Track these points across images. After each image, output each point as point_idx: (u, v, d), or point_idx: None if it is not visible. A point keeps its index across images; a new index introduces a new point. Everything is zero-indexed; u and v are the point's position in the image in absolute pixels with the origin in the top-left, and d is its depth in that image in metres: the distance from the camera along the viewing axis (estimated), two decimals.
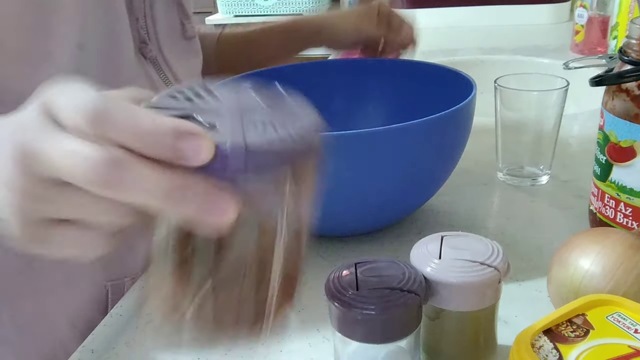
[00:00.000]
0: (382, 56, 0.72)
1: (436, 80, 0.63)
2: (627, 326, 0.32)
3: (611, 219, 0.49)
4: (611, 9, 1.09)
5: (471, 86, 0.55)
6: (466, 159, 0.59)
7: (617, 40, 1.06)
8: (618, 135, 0.47)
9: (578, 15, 1.16)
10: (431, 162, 0.52)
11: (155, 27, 0.60)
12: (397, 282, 0.36)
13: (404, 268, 0.37)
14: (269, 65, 0.67)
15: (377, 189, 0.50)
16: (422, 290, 0.36)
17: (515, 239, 0.56)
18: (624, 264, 0.39)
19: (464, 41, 1.35)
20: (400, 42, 0.73)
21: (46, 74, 0.42)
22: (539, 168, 0.66)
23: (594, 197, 0.52)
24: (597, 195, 0.51)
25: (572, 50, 1.19)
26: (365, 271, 0.37)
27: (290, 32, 0.77)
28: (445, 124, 0.50)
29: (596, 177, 0.51)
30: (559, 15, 1.48)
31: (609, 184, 0.49)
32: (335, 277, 0.37)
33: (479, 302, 0.37)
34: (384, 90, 0.68)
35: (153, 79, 0.59)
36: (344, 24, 0.73)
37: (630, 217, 0.48)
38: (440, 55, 1.19)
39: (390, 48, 0.72)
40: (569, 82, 0.63)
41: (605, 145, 0.49)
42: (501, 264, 0.37)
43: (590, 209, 0.53)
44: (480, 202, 0.64)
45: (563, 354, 0.31)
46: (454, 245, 0.39)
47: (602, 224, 0.51)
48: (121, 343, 0.46)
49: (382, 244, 0.56)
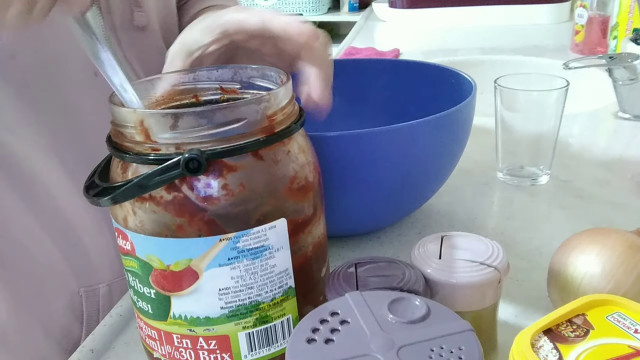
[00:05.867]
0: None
1: (436, 80, 0.63)
2: (627, 326, 0.32)
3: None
4: (611, 9, 1.09)
5: (471, 86, 0.55)
6: (466, 159, 0.59)
7: (617, 40, 1.06)
8: (163, 258, 0.34)
9: (578, 15, 1.16)
10: (431, 162, 0.52)
11: (111, 17, 0.56)
12: (397, 282, 0.36)
13: (404, 268, 0.37)
14: None
15: (377, 189, 0.50)
16: (422, 290, 0.36)
17: (515, 239, 0.56)
18: (624, 264, 0.39)
19: (464, 41, 1.35)
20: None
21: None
22: (539, 168, 0.66)
23: (155, 341, 0.38)
24: (160, 339, 0.37)
25: (572, 50, 1.19)
26: (365, 271, 0.37)
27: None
28: (445, 124, 0.50)
29: (151, 318, 0.37)
30: (559, 15, 1.48)
31: (173, 321, 0.36)
32: (336, 277, 0.37)
33: (479, 302, 0.37)
34: (384, 90, 0.67)
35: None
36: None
37: (217, 351, 0.36)
38: (440, 55, 1.19)
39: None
40: (569, 82, 0.63)
41: (148, 275, 0.35)
42: (501, 264, 0.37)
43: (157, 358, 0.39)
44: (480, 202, 0.64)
45: (563, 354, 0.31)
46: (454, 245, 0.39)
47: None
48: (121, 343, 0.46)
49: (382, 244, 0.56)
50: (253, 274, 0.35)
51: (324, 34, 0.45)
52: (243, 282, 0.35)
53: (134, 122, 0.33)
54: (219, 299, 0.35)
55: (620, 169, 0.70)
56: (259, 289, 0.35)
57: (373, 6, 1.70)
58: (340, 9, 3.00)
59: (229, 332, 0.36)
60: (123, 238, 0.36)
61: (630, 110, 0.85)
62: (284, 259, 0.36)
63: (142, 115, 0.33)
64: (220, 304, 0.35)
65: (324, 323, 0.31)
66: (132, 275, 0.37)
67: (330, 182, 0.43)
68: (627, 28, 1.05)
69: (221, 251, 0.34)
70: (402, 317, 0.30)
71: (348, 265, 0.38)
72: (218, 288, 0.35)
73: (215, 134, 0.33)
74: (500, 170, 0.68)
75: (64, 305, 0.57)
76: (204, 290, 0.35)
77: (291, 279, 0.37)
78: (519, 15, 1.48)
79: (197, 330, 0.36)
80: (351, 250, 0.56)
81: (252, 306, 0.36)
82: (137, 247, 0.35)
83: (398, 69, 0.67)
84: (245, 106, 0.33)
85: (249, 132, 0.33)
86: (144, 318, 0.38)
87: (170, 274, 0.35)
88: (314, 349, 0.29)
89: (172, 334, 0.37)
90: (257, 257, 0.35)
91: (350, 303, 0.32)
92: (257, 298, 0.36)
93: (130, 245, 0.36)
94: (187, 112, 0.32)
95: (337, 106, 0.47)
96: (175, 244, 0.34)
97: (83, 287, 0.58)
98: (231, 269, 0.34)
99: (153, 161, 0.33)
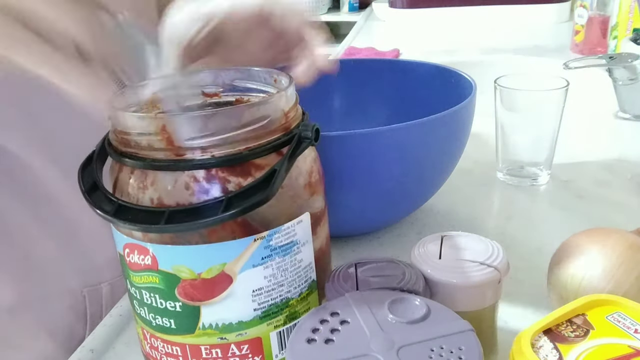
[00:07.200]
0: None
1: (436, 80, 0.63)
2: (627, 326, 0.32)
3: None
4: (611, 9, 1.09)
5: (471, 86, 0.55)
6: (466, 159, 0.59)
7: (617, 40, 1.06)
8: (194, 267, 0.33)
9: (578, 15, 1.16)
10: (431, 162, 0.52)
11: None
12: (397, 282, 0.36)
13: (404, 268, 0.37)
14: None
15: (377, 189, 0.50)
16: (422, 290, 0.36)
17: (515, 239, 0.56)
18: (624, 264, 0.39)
19: (464, 41, 1.35)
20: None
21: None
22: (539, 168, 0.66)
23: (177, 358, 0.36)
24: (184, 354, 0.36)
25: (572, 50, 1.19)
26: (365, 271, 0.37)
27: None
28: (445, 124, 0.50)
29: (173, 334, 0.35)
30: (559, 15, 1.48)
31: (202, 332, 0.35)
32: (336, 277, 0.37)
33: (479, 302, 0.37)
34: (384, 90, 0.67)
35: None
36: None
37: (249, 355, 0.35)
38: (440, 55, 1.19)
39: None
40: (569, 82, 0.63)
41: (173, 288, 0.34)
42: (501, 263, 0.37)
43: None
44: (480, 202, 0.64)
45: (563, 354, 0.31)
46: (454, 245, 0.39)
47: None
48: (121, 343, 0.46)
49: (382, 244, 0.56)
50: (284, 271, 0.35)
51: (322, 32, 0.45)
52: (275, 280, 0.35)
53: (155, 128, 0.31)
54: (252, 301, 0.34)
55: (620, 169, 0.70)
56: (289, 286, 0.35)
57: (373, 6, 1.70)
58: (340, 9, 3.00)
59: (261, 334, 0.35)
60: (140, 253, 0.34)
61: (630, 110, 0.85)
62: (308, 253, 0.36)
63: (164, 120, 0.31)
64: (254, 306, 0.34)
65: (324, 323, 0.31)
66: (150, 292, 0.34)
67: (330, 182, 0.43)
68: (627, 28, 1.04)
69: (255, 251, 0.33)
70: (402, 317, 0.30)
71: (348, 265, 0.38)
72: (251, 290, 0.34)
73: (243, 133, 0.32)
74: (500, 170, 0.68)
75: (67, 306, 0.57)
76: (238, 294, 0.34)
77: (314, 272, 0.37)
78: (519, 15, 1.48)
79: (229, 337, 0.35)
80: (351, 250, 0.56)
81: (283, 304, 0.35)
82: (161, 259, 0.33)
83: (398, 69, 0.67)
84: (269, 103, 0.33)
85: (271, 130, 0.33)
86: (164, 335, 0.35)
87: (201, 283, 0.33)
88: (314, 349, 0.29)
89: (200, 346, 0.35)
90: (287, 253, 0.35)
91: (350, 303, 0.32)
92: (287, 295, 0.35)
93: (150, 260, 0.33)
94: (216, 112, 0.32)
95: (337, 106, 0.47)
96: (208, 249, 0.32)
97: (86, 287, 0.58)
98: (264, 268, 0.34)
99: (184, 166, 0.31)
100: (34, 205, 0.53)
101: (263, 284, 0.34)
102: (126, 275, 0.36)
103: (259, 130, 0.33)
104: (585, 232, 0.43)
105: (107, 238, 0.59)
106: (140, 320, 0.37)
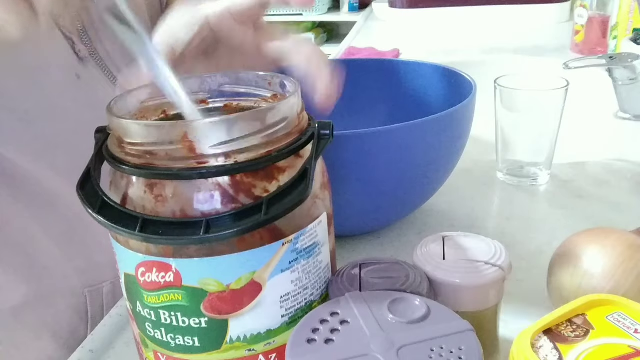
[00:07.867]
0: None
1: (436, 80, 0.63)
2: (627, 326, 0.32)
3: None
4: (611, 9, 1.09)
5: (471, 86, 0.55)
6: (466, 159, 0.59)
7: (617, 40, 1.06)
8: (222, 279, 0.31)
9: (578, 15, 1.16)
10: (431, 162, 0.52)
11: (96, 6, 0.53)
12: (401, 283, 0.36)
13: (408, 270, 0.37)
14: None
15: (377, 189, 0.50)
16: (427, 291, 0.36)
17: (515, 239, 0.56)
18: (624, 263, 0.39)
19: (464, 41, 1.35)
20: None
21: None
22: (539, 168, 0.66)
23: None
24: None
25: (572, 50, 1.19)
26: (369, 272, 0.37)
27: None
28: (445, 124, 0.50)
29: (198, 352, 0.33)
30: (559, 15, 1.48)
31: (230, 346, 0.33)
32: (340, 278, 0.37)
33: (483, 302, 0.37)
34: (384, 90, 0.68)
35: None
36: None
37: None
38: (440, 55, 1.19)
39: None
40: (569, 82, 0.63)
41: (199, 303, 0.32)
42: (505, 263, 0.37)
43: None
44: (480, 202, 0.64)
45: (563, 354, 0.31)
46: (456, 246, 0.39)
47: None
48: (121, 343, 0.46)
49: (382, 244, 0.56)
50: (308, 274, 0.34)
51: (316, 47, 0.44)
52: (300, 284, 0.34)
53: (176, 136, 0.29)
54: (280, 307, 0.33)
55: (620, 169, 0.70)
56: (312, 288, 0.35)
57: (373, 6, 1.70)
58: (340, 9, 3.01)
59: (287, 341, 0.35)
60: (160, 270, 0.31)
61: (630, 110, 0.85)
62: (326, 254, 0.36)
63: (186, 127, 0.29)
64: (282, 312, 0.34)
65: (324, 323, 0.31)
66: (171, 311, 0.32)
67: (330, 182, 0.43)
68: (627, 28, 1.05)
69: (284, 256, 0.32)
70: (402, 317, 0.30)
71: (352, 266, 0.38)
72: (279, 296, 0.33)
73: (266, 136, 0.31)
74: (500, 170, 0.68)
75: (69, 306, 0.57)
76: (267, 302, 0.32)
77: (330, 272, 0.37)
78: (519, 15, 1.48)
79: (257, 347, 0.33)
80: (351, 250, 0.56)
81: (307, 307, 0.35)
82: (186, 275, 0.31)
83: (398, 69, 0.67)
84: (287, 105, 0.32)
85: (289, 132, 0.33)
86: (185, 356, 0.33)
87: (230, 294, 0.31)
88: (314, 349, 0.29)
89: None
90: (310, 255, 0.34)
91: (350, 303, 0.32)
92: (310, 298, 0.35)
93: (174, 276, 0.31)
94: (239, 116, 0.30)
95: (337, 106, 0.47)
96: (237, 259, 0.31)
97: (87, 287, 0.58)
98: (291, 273, 0.33)
99: (208, 174, 0.30)
100: (35, 207, 0.53)
101: (290, 289, 0.33)
102: (135, 298, 0.34)
103: (280, 132, 0.32)
104: (585, 232, 0.43)
105: (107, 236, 0.59)
106: (153, 344, 0.34)
